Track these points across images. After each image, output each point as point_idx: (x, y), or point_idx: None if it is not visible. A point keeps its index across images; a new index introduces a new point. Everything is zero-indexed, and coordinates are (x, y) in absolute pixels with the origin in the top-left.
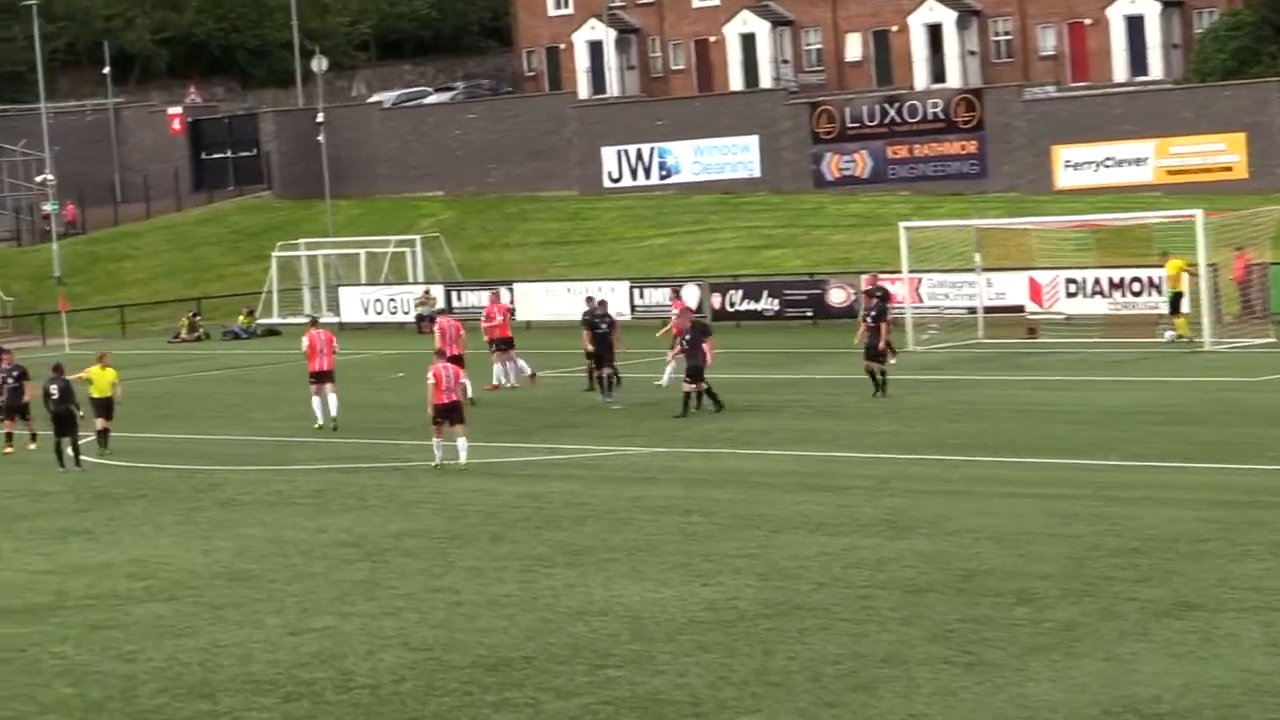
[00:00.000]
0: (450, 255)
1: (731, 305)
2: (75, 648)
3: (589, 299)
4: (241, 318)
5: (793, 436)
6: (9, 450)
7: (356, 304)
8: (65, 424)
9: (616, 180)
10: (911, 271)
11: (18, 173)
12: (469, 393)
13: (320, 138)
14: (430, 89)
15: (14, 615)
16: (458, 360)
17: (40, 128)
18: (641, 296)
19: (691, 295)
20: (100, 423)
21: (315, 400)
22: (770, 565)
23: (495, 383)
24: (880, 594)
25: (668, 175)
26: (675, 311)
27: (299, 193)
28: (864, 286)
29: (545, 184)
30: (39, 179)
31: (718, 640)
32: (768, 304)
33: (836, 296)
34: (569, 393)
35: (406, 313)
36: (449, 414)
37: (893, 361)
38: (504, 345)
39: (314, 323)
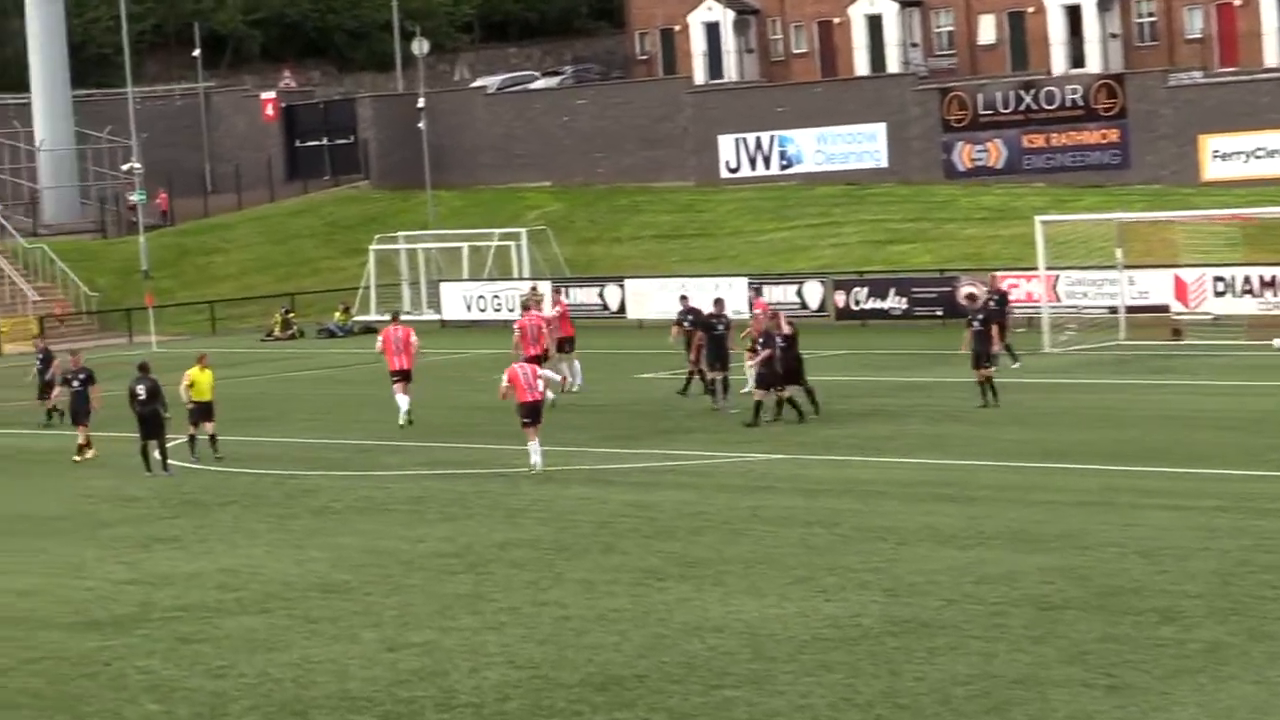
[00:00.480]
0: (557, 250)
1: (856, 304)
2: (162, 662)
3: (683, 298)
4: (337, 315)
5: (920, 443)
6: (78, 458)
7: (458, 301)
8: (152, 426)
9: (734, 170)
10: (1048, 269)
11: (103, 161)
12: (550, 397)
13: (421, 125)
14: (537, 73)
15: (98, 627)
16: (537, 360)
17: (127, 113)
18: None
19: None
20: (209, 427)
21: (400, 397)
22: (897, 580)
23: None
24: (1013, 611)
25: (789, 165)
26: (756, 312)
27: (398, 183)
28: (963, 290)
29: (658, 175)
30: (125, 167)
31: (841, 659)
32: (895, 302)
33: (969, 292)
34: (679, 396)
35: (511, 310)
36: (532, 414)
37: (1015, 366)
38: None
39: (394, 318)
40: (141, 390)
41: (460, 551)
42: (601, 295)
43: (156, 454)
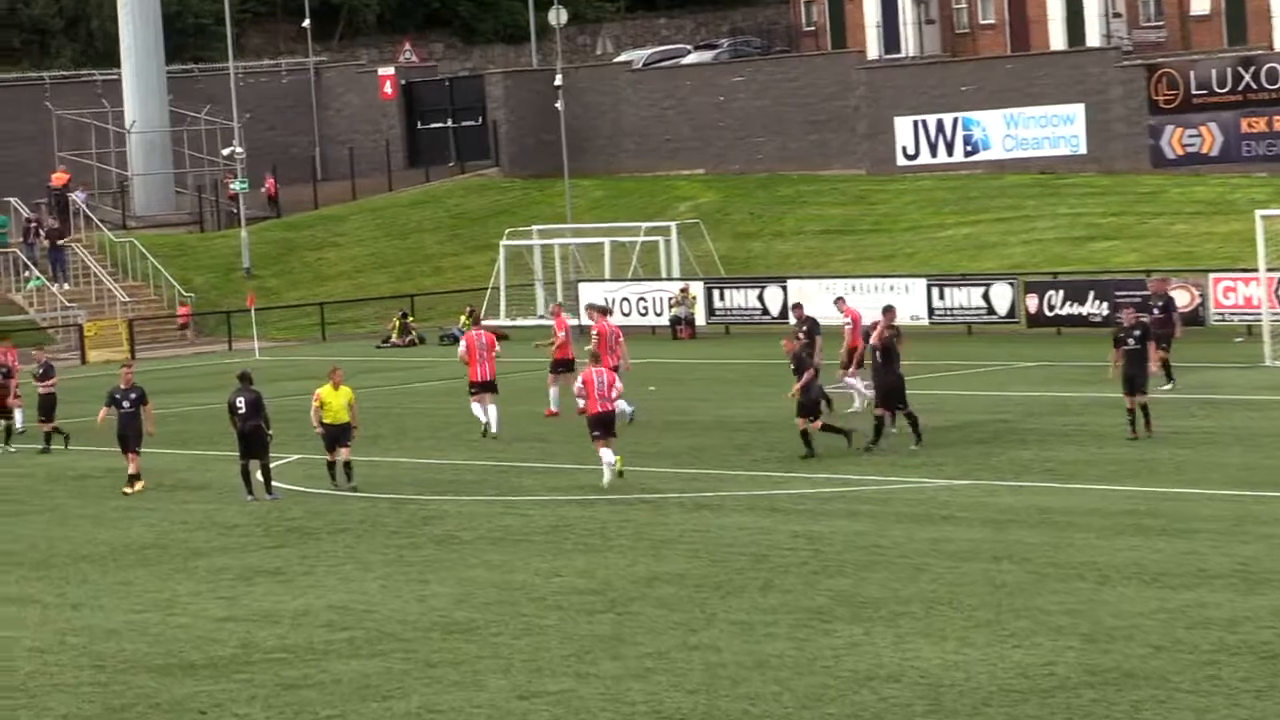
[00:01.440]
0: (711, 246)
1: (1050, 309)
2: (264, 709)
3: (797, 306)
4: (463, 319)
5: (1125, 469)
6: (129, 490)
7: (599, 303)
8: (253, 443)
9: (912, 157)
10: (1269, 270)
11: (200, 144)
12: (627, 410)
13: (558, 104)
14: (689, 47)
15: (194, 671)
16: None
17: (228, 91)
18: (942, 298)
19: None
20: (344, 453)
21: (476, 406)
22: (1096, 624)
23: (553, 408)
24: (1230, 661)
25: (974, 151)
26: (847, 321)
27: (532, 170)
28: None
29: (826, 161)
30: (226, 152)
31: (1032, 713)
32: (1094, 308)
33: (1179, 299)
34: (844, 413)
35: (659, 314)
36: (602, 426)
37: (1166, 387)
38: (565, 367)
39: (474, 320)
40: (242, 403)
41: (600, 588)
42: (760, 298)
43: (259, 475)
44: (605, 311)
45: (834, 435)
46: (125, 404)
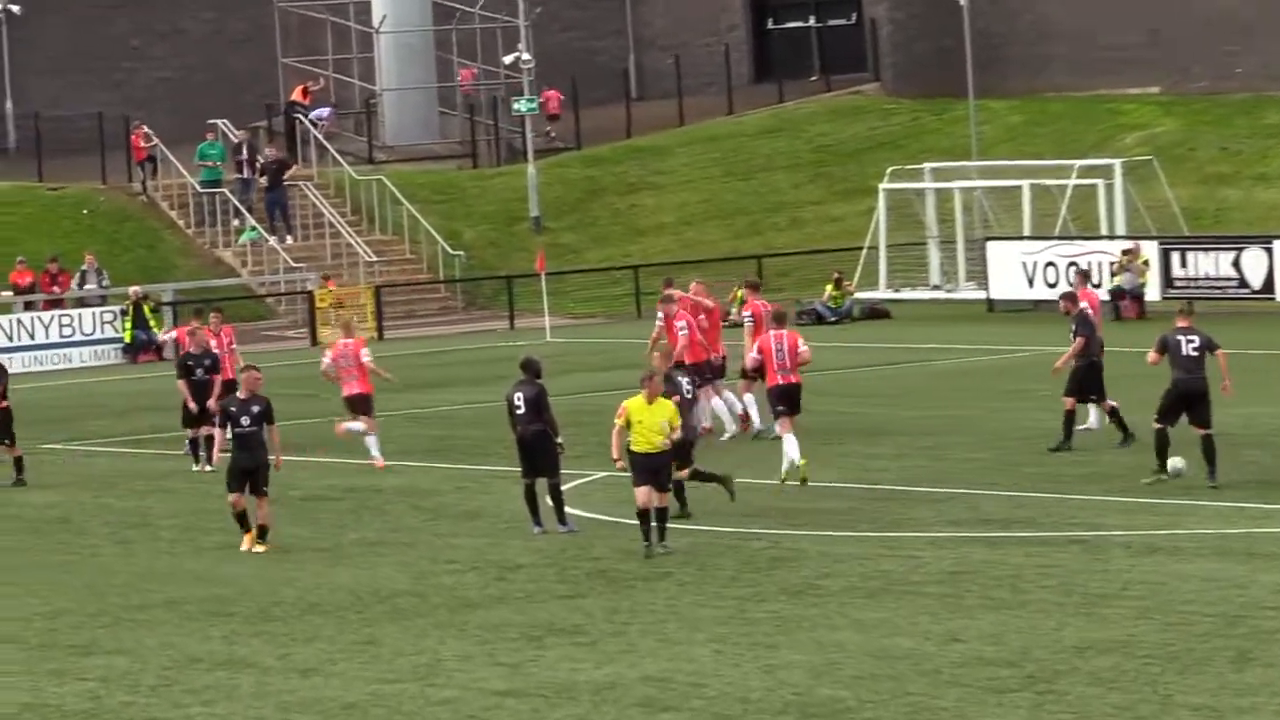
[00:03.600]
0: (1169, 192)
1: None
2: None
3: (1067, 297)
4: (829, 289)
5: None
6: (247, 548)
7: (1014, 269)
8: (536, 454)
9: None
10: None
11: (474, 49)
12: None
13: None
14: None
15: None
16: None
17: None
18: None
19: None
20: (657, 499)
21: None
22: None
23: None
24: None
25: None
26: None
27: (924, 88)
28: None
29: None
30: (508, 60)
31: None
32: None
33: None
34: None
35: (1096, 284)
36: (787, 400)
37: None
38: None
39: (778, 319)
40: (520, 401)
41: (1014, 658)
42: (1237, 264)
43: (548, 499)
44: (755, 287)
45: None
46: (245, 420)
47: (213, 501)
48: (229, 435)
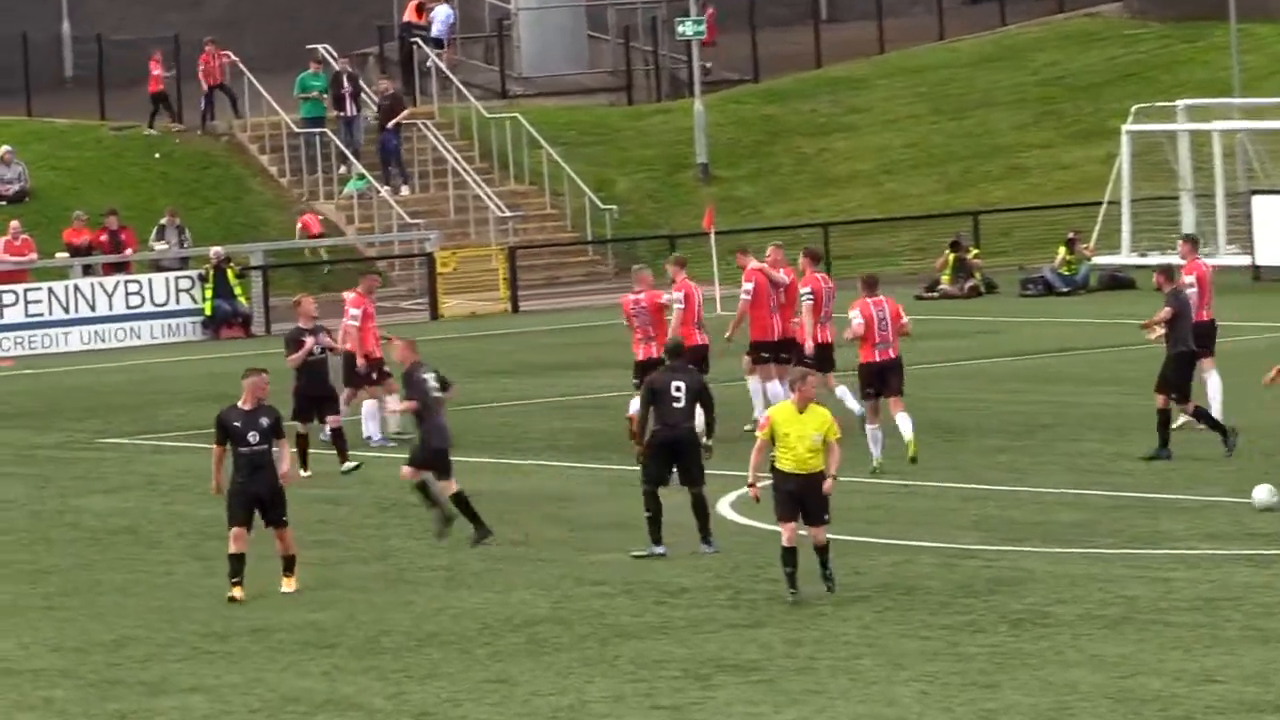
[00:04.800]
0: None
1: None
2: None
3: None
4: (1061, 252)
5: None
6: (241, 596)
7: None
8: (688, 458)
9: None
10: None
11: None
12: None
13: None
14: None
15: None
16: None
17: None
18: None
19: None
20: (816, 534)
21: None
22: None
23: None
24: None
25: None
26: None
27: (1174, 8)
28: None
29: None
30: None
31: None
32: None
33: None
34: None
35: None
36: (880, 380)
37: None
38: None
39: (870, 285)
40: (680, 392)
41: None
42: None
43: (699, 516)
44: (816, 258)
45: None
46: (253, 436)
47: (315, 509)
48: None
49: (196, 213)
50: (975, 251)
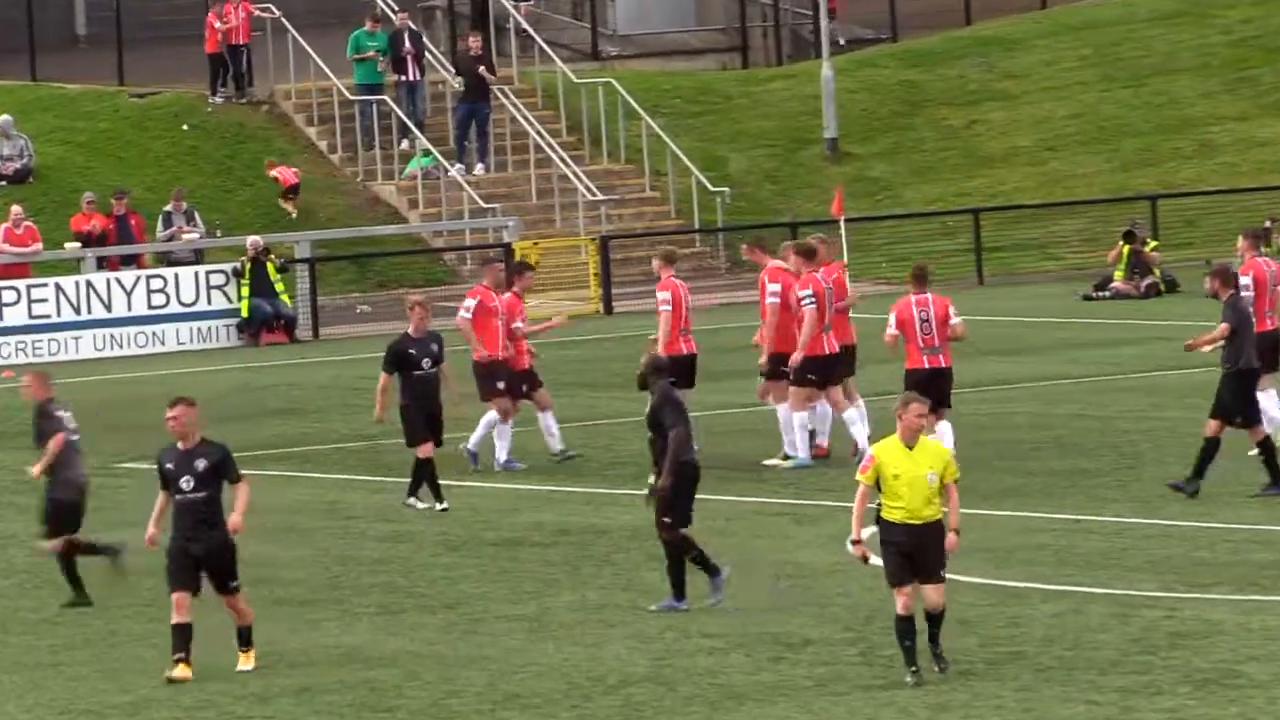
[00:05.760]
0: None
1: None
2: None
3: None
4: (1239, 244)
5: None
6: (184, 675)
7: None
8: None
9: None
10: None
11: None
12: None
13: None
14: None
15: None
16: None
17: None
18: None
19: None
20: (932, 594)
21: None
22: None
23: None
24: None
25: None
26: None
27: None
28: None
29: None
30: None
31: None
32: None
33: None
34: None
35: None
36: (931, 389)
37: None
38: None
39: (919, 279)
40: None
41: None
42: None
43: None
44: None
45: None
46: (186, 483)
47: (368, 546)
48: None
49: (232, 195)
50: (1154, 243)
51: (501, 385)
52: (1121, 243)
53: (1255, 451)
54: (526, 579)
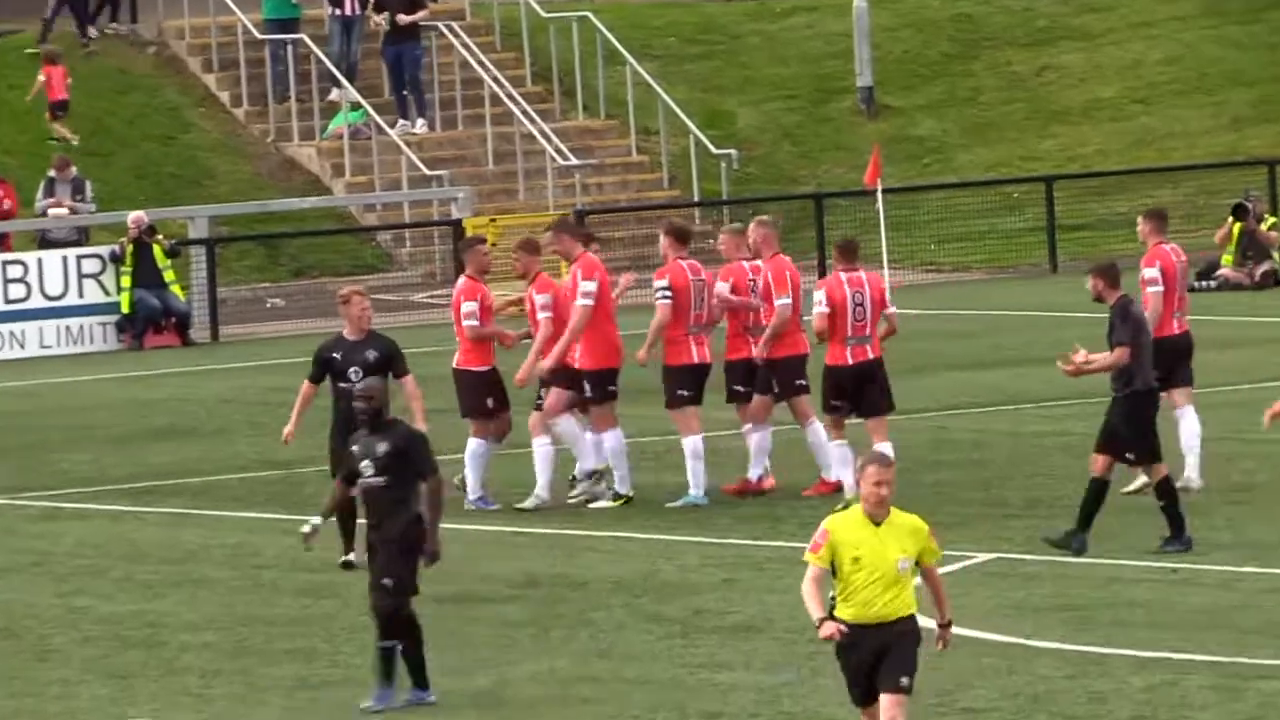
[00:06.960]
0: None
1: None
2: None
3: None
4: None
5: None
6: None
7: None
8: None
9: None
10: None
11: None
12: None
13: None
14: None
15: None
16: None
17: None
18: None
19: None
20: (882, 700)
21: None
22: None
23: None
24: None
25: None
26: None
27: None
28: None
29: None
30: None
31: None
32: None
33: None
34: None
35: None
36: (849, 389)
37: None
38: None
39: (846, 253)
40: None
41: None
42: None
43: None
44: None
45: None
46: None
47: (281, 603)
48: None
49: (111, 160)
50: (1272, 220)
51: (491, 403)
52: (1231, 219)
53: (1136, 488)
54: (482, 645)
